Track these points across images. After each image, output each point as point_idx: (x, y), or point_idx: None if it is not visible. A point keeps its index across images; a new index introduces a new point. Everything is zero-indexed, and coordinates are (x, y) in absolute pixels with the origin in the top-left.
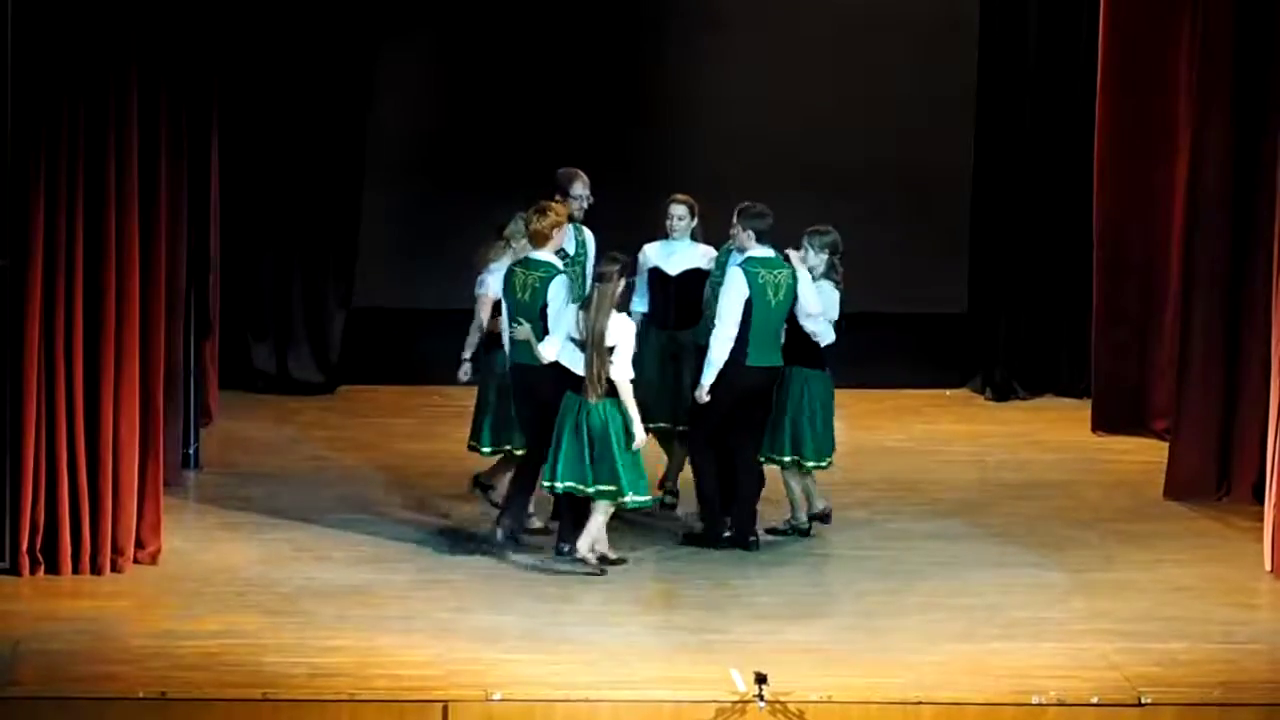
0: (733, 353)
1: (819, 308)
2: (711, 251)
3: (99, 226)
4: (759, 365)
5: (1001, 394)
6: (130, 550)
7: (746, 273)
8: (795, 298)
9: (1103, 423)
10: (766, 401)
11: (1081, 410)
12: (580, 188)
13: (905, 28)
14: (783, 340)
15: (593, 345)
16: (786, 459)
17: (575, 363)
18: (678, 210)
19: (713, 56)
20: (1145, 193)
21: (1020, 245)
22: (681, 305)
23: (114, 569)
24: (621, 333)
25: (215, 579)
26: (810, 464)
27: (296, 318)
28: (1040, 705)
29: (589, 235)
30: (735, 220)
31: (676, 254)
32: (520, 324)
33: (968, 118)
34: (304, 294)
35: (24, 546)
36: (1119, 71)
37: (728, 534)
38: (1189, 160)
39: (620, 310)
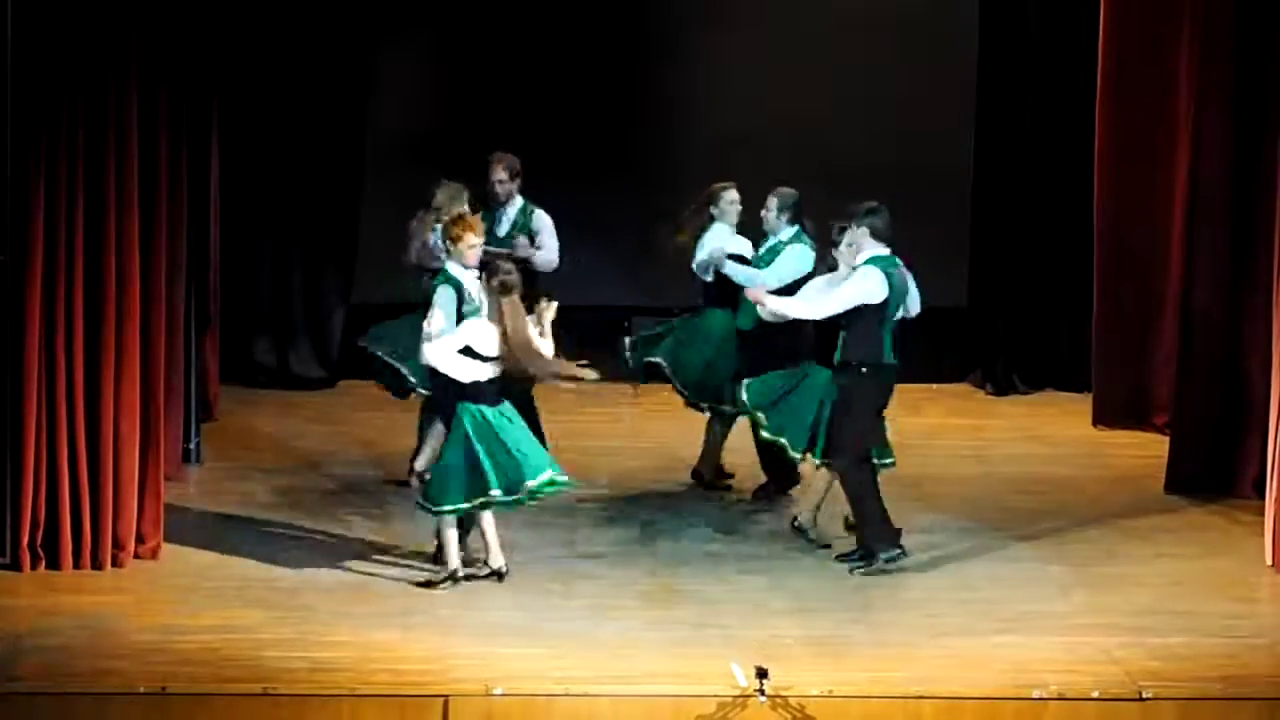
0: (876, 354)
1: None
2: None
3: (99, 222)
4: (896, 364)
5: (1002, 388)
6: (131, 545)
7: (886, 273)
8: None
9: (1104, 417)
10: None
11: (1082, 404)
12: (498, 172)
13: (905, 27)
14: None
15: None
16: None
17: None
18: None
19: (712, 56)
20: (1146, 189)
21: (1021, 241)
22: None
23: (114, 564)
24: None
25: (215, 574)
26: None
27: (297, 312)
28: (1041, 699)
29: (538, 215)
30: (854, 220)
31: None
32: None
33: (968, 117)
34: (304, 289)
35: (24, 541)
36: (1119, 70)
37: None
38: (1189, 158)
39: None
